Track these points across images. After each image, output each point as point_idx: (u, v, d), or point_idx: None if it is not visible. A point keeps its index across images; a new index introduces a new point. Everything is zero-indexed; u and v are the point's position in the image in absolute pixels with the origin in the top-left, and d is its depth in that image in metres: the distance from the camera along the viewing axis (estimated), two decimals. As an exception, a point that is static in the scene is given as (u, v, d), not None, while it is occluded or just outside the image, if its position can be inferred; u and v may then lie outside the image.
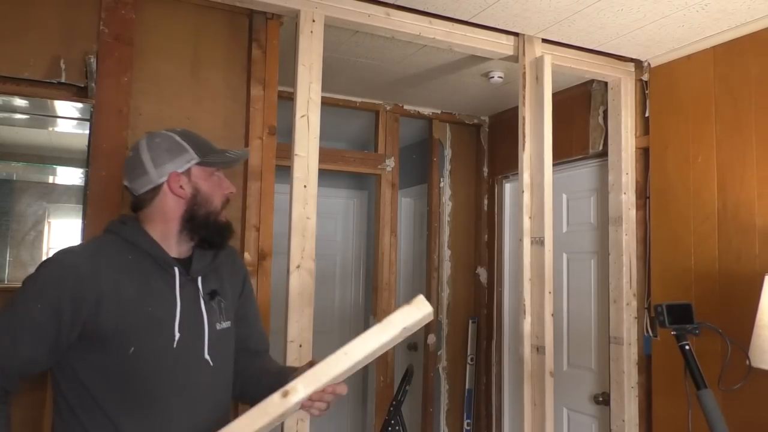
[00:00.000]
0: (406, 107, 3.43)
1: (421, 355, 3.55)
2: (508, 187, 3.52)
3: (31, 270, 1.26)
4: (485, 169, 3.63)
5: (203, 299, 1.38)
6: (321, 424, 3.62)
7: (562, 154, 2.98)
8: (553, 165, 2.40)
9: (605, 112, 2.78)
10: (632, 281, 2.61)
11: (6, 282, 1.79)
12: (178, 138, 1.38)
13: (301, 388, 1.20)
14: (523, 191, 2.37)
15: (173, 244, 1.37)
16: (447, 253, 3.59)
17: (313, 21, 2.03)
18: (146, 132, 1.44)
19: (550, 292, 2.31)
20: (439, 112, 3.53)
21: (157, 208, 1.36)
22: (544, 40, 2.43)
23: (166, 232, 1.37)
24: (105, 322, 1.24)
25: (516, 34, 2.39)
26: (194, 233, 1.38)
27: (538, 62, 2.37)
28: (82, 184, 1.85)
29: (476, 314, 3.61)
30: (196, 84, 2.00)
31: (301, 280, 1.96)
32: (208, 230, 1.39)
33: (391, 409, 3.01)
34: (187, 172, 1.36)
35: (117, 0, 1.85)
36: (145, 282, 1.31)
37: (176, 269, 1.35)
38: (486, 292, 3.58)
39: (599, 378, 2.84)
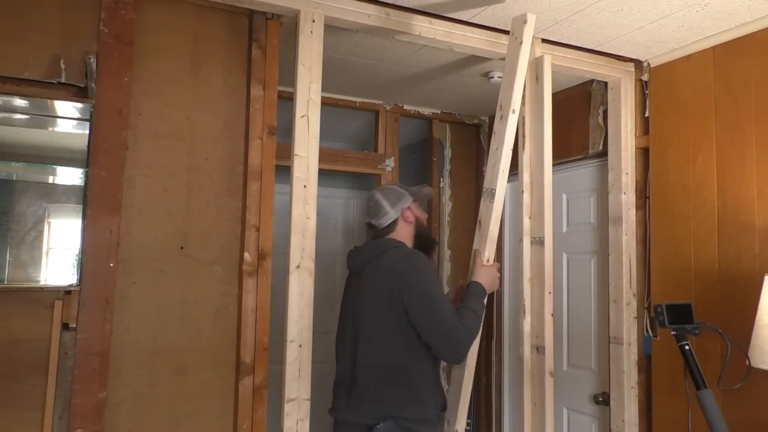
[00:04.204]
0: (406, 107, 3.43)
1: (421, 355, 3.54)
2: (508, 187, 3.51)
3: (32, 270, 1.27)
4: (485, 169, 3.63)
5: None
6: (321, 424, 3.61)
7: (562, 154, 2.98)
8: (553, 165, 2.40)
9: (605, 112, 2.78)
10: (632, 281, 2.61)
11: (6, 282, 1.79)
12: (397, 187, 2.03)
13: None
14: (523, 191, 2.37)
15: None
16: (447, 253, 3.59)
17: (313, 21, 2.03)
18: (376, 188, 2.07)
19: (550, 292, 2.31)
20: (439, 112, 3.53)
21: (398, 233, 1.97)
22: (544, 40, 2.43)
23: None
24: None
25: (516, 34, 2.39)
26: (420, 247, 1.98)
27: (538, 62, 2.37)
28: (82, 184, 1.85)
29: (476, 314, 3.60)
30: (196, 84, 2.00)
31: (300, 280, 1.96)
32: (428, 244, 2.03)
33: (391, 409, 3.00)
34: (408, 207, 1.99)
35: (117, 0, 1.85)
36: None
37: None
38: (486, 292, 3.57)
39: (599, 378, 2.84)
